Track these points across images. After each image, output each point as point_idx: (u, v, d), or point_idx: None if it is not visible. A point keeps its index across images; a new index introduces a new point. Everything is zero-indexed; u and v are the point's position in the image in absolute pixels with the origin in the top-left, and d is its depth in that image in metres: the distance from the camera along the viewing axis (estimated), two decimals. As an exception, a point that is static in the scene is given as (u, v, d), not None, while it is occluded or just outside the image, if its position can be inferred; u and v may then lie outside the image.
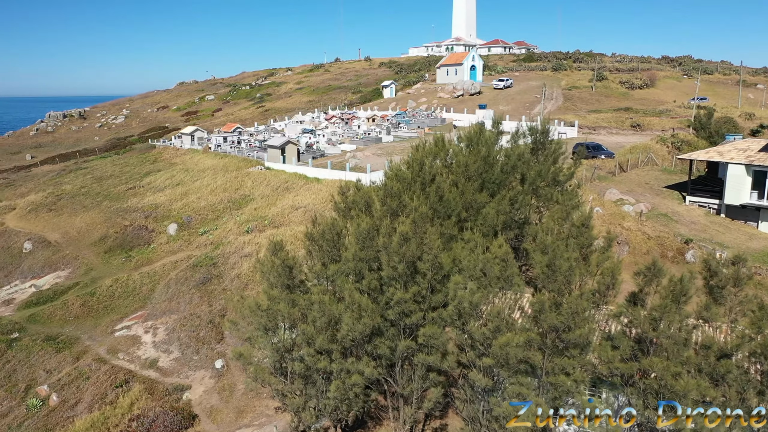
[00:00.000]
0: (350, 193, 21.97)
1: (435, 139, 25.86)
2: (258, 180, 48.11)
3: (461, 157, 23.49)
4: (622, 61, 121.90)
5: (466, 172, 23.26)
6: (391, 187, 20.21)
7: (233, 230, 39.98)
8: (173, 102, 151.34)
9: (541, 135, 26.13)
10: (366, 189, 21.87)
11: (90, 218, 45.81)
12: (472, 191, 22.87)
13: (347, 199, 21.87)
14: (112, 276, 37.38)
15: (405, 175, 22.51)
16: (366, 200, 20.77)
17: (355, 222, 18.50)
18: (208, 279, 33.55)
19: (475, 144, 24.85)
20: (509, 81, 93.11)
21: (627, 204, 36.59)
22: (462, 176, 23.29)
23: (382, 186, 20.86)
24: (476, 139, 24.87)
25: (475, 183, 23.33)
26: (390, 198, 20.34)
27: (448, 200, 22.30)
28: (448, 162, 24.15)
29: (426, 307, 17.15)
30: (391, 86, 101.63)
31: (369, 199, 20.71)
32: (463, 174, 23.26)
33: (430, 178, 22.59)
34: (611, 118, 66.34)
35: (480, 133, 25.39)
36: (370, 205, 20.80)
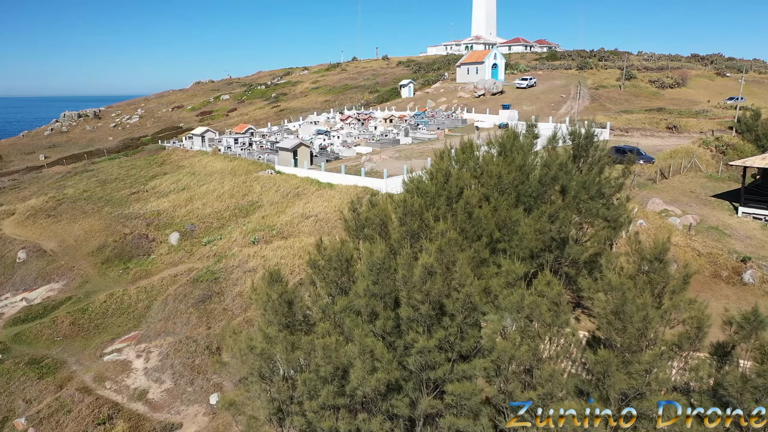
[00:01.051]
0: (363, 209, 18.69)
1: (462, 144, 22.49)
2: (267, 185, 45.07)
3: (493, 166, 20.08)
4: (650, 59, 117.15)
5: (499, 184, 19.86)
6: (411, 204, 16.87)
7: (238, 241, 36.94)
8: (188, 102, 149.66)
9: (584, 140, 22.61)
10: (381, 204, 18.56)
11: (89, 225, 43.10)
12: (506, 207, 19.46)
13: (359, 217, 18.61)
14: (108, 290, 34.54)
15: (427, 188, 19.17)
16: (381, 218, 17.47)
17: (367, 247, 15.21)
18: (208, 297, 30.51)
19: (509, 151, 21.42)
20: (533, 80, 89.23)
21: (672, 216, 32.84)
22: (494, 189, 19.89)
23: (401, 202, 17.53)
24: (510, 145, 21.45)
25: (510, 197, 19.92)
26: (410, 217, 17.02)
27: (479, 218, 18.93)
28: (477, 172, 20.75)
29: (454, 356, 13.84)
30: (409, 85, 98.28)
31: (385, 217, 17.41)
32: (495, 187, 19.86)
33: (457, 191, 19.22)
34: (644, 119, 62.29)
35: (514, 138, 21.97)
36: (387, 224, 17.50)
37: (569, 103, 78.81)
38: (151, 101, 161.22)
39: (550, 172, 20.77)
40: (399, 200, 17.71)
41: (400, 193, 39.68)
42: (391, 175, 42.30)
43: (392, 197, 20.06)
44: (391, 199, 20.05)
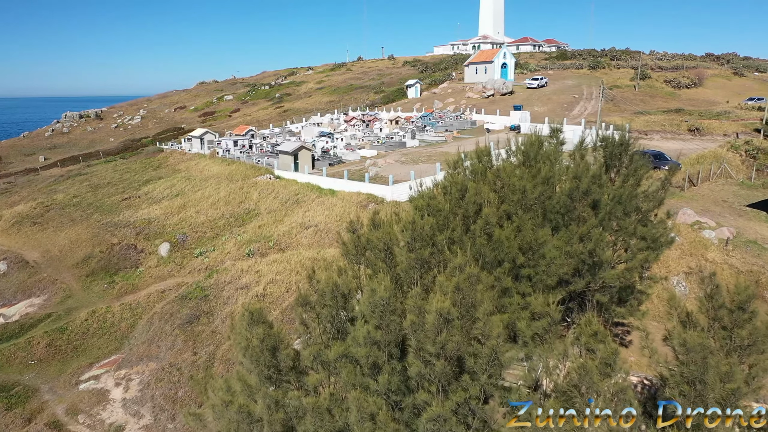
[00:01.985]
0: (364, 230, 15.94)
1: (477, 152, 19.69)
2: (265, 191, 42.37)
3: (516, 179, 17.26)
4: (664, 59, 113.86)
5: (523, 200, 17.04)
6: (421, 226, 14.09)
7: (232, 253, 34.26)
8: (191, 102, 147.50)
9: (618, 147, 19.77)
10: (386, 226, 15.79)
11: (76, 234, 40.54)
12: (531, 227, 16.65)
13: (359, 239, 15.85)
14: (90, 306, 31.93)
15: (440, 205, 16.37)
16: (386, 243, 14.69)
17: (369, 285, 12.46)
18: (196, 317, 27.82)
19: (533, 160, 18.61)
20: (544, 80, 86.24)
21: (706, 228, 29.92)
22: (518, 206, 17.09)
23: (409, 224, 14.73)
24: (535, 153, 18.64)
25: (536, 215, 17.12)
26: (420, 242, 14.24)
27: (500, 240, 16.14)
28: (497, 185, 17.94)
29: (476, 424, 11.08)
30: (415, 86, 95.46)
31: (390, 241, 14.64)
32: (519, 203, 17.05)
33: (475, 209, 16.42)
34: (664, 121, 59.25)
35: (539, 145, 19.16)
36: (392, 250, 14.73)
37: (582, 104, 75.85)
38: (154, 102, 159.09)
39: (581, 186, 17.93)
40: (406, 221, 14.92)
41: (406, 202, 36.90)
42: (397, 181, 39.56)
43: (398, 215, 17.26)
44: (397, 216, 17.24)
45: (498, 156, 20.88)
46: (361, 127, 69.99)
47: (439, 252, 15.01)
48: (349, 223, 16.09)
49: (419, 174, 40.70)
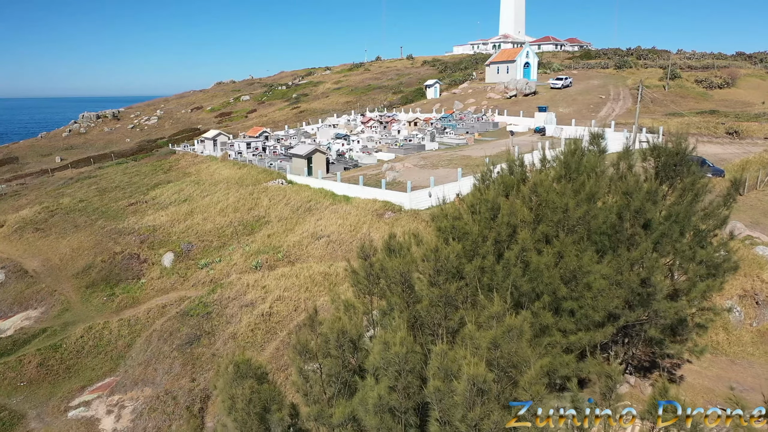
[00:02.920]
0: (377, 257, 13.51)
1: (508, 162, 17.11)
2: (276, 198, 40.15)
3: (556, 196, 14.68)
4: (693, 58, 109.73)
5: (565, 220, 14.46)
6: (446, 255, 11.60)
7: (239, 265, 32.06)
8: (208, 102, 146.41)
9: (674, 157, 17.08)
10: (403, 252, 13.34)
11: (78, 241, 38.69)
12: (575, 252, 14.07)
13: (372, 267, 13.43)
14: (87, 321, 29.95)
15: (467, 227, 13.86)
16: (402, 275, 12.23)
17: (381, 335, 10.02)
18: (197, 338, 25.61)
19: (574, 172, 16.00)
20: (568, 80, 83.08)
21: (759, 244, 26.97)
22: (558, 227, 14.51)
23: (432, 252, 12.22)
24: (576, 164, 16.03)
25: (580, 238, 14.53)
26: (444, 275, 11.75)
27: (539, 269, 13.59)
28: (533, 202, 15.36)
29: None
30: (435, 86, 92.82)
31: (408, 273, 12.17)
32: (560, 224, 14.47)
33: (509, 232, 13.89)
34: (699, 123, 55.97)
35: (580, 155, 16.54)
36: (410, 283, 12.27)
37: (610, 105, 72.65)
38: (171, 102, 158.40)
39: (633, 203, 15.30)
40: (428, 248, 12.43)
41: (425, 210, 34.37)
42: (415, 187, 37.09)
43: (417, 236, 14.78)
44: (416, 238, 14.76)
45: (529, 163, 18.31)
46: (379, 128, 67.61)
47: (466, 285, 12.56)
48: (360, 248, 13.69)
49: (439, 180, 38.19)
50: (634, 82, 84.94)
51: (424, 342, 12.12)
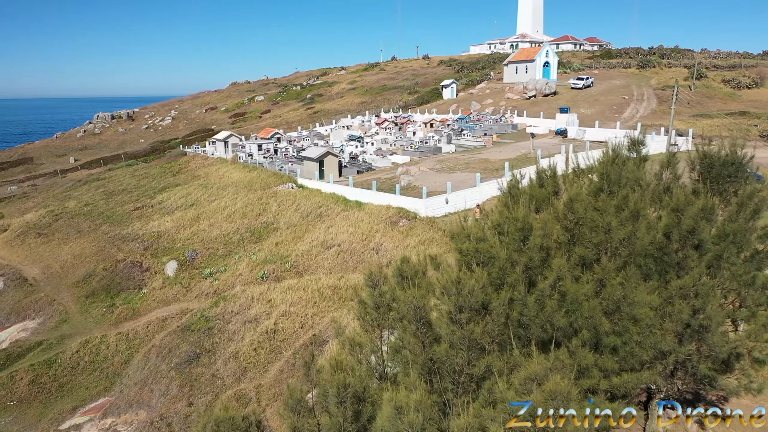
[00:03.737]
0: (389, 284, 11.63)
1: (539, 173, 15.11)
2: (286, 203, 38.42)
3: (596, 214, 12.65)
4: (718, 57, 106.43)
5: (607, 241, 12.44)
6: (470, 289, 9.68)
7: (244, 275, 30.37)
8: (222, 103, 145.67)
9: (729, 167, 14.98)
10: (419, 281, 11.42)
11: (80, 248, 37.29)
12: (620, 279, 12.05)
13: (382, 297, 11.55)
14: (85, 334, 28.45)
15: (493, 251, 11.90)
16: (417, 309, 10.32)
17: (392, 398, 8.15)
18: (196, 357, 23.91)
19: (614, 184, 13.97)
20: (590, 79, 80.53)
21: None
22: (598, 250, 12.50)
23: (454, 282, 10.28)
24: (617, 176, 13.99)
25: (624, 263, 12.50)
26: (468, 311, 9.82)
27: (577, 301, 11.61)
28: (569, 220, 13.35)
29: None
30: (451, 86, 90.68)
31: (423, 309, 10.26)
32: (600, 246, 12.46)
33: (542, 257, 11.91)
34: (729, 125, 53.34)
35: (621, 164, 14.50)
36: (427, 319, 10.37)
37: (634, 106, 70.08)
38: (186, 102, 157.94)
39: (684, 221, 13.22)
40: (449, 278, 10.49)
41: (442, 217, 32.37)
42: (431, 192, 35.15)
43: (435, 259, 12.88)
44: (434, 261, 12.88)
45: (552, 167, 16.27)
46: (393, 130, 65.70)
47: (493, 322, 10.64)
48: (368, 275, 11.82)
49: (457, 185, 36.21)
50: (658, 82, 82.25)
51: (443, 390, 10.29)
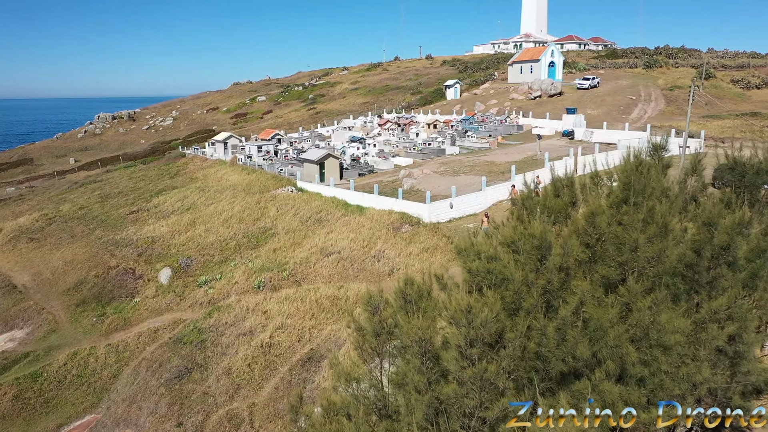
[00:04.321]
0: (391, 309, 10.37)
1: (554, 182, 13.82)
2: (285, 207, 37.20)
3: (619, 229, 11.35)
4: (726, 57, 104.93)
5: (633, 260, 11.15)
6: (483, 320, 8.43)
7: (240, 283, 29.15)
8: (224, 103, 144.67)
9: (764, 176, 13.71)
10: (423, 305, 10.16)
11: (72, 253, 36.12)
12: (649, 304, 10.76)
13: (382, 324, 10.30)
14: (74, 345, 27.28)
15: (506, 271, 10.61)
16: (422, 342, 9.06)
17: None
18: (187, 372, 22.69)
19: (638, 195, 12.67)
20: (596, 80, 79.14)
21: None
22: (623, 270, 11.20)
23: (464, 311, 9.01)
24: (642, 186, 12.69)
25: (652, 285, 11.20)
26: (480, 346, 8.55)
27: (601, 328, 10.32)
28: (591, 235, 12.04)
29: None
30: (455, 86, 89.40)
31: (428, 342, 8.99)
32: (625, 266, 11.16)
33: (562, 279, 10.63)
34: (741, 126, 51.96)
35: (646, 171, 13.18)
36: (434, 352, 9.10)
37: (641, 106, 68.68)
38: (187, 102, 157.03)
39: (716, 236, 11.92)
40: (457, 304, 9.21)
41: (446, 222, 31.06)
42: (435, 196, 33.89)
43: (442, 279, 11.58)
44: (440, 281, 11.57)
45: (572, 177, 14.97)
46: (396, 131, 64.47)
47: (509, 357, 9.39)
48: (367, 300, 10.55)
49: (462, 189, 34.93)
50: (666, 83, 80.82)
51: (451, 433, 9.04)
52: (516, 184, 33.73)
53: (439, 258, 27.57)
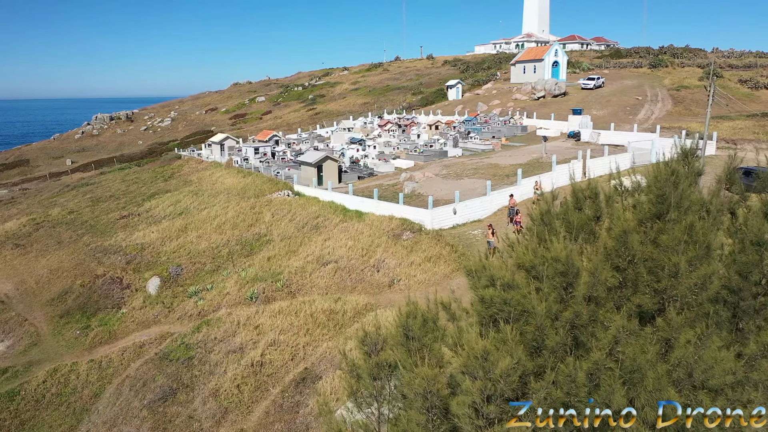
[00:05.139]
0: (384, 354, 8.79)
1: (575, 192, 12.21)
2: (280, 212, 35.63)
3: (655, 251, 9.74)
4: (732, 56, 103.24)
5: (673, 287, 9.55)
6: (504, 371, 6.86)
7: (232, 294, 27.59)
8: (223, 104, 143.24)
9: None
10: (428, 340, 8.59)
11: (58, 261, 34.56)
12: (694, 337, 9.16)
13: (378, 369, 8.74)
14: (55, 360, 25.72)
15: (526, 302, 9.01)
16: (428, 395, 7.48)
17: None
18: (172, 393, 21.12)
19: (674, 209, 11.07)
20: (600, 80, 77.56)
21: None
22: (661, 298, 9.60)
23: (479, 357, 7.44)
24: (677, 198, 11.07)
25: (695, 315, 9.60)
26: (495, 407, 6.96)
27: (639, 369, 8.72)
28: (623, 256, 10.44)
29: None
30: (457, 86, 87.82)
31: (435, 395, 7.42)
32: (663, 294, 9.56)
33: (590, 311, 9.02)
34: (753, 127, 50.35)
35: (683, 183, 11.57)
36: (444, 406, 7.53)
37: (648, 107, 67.08)
38: (186, 103, 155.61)
39: (766, 257, 10.30)
40: (471, 348, 7.61)
41: (449, 229, 29.43)
42: (437, 200, 32.36)
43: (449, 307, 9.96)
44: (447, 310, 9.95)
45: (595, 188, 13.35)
46: (397, 132, 62.90)
47: (533, 412, 7.82)
48: (361, 337, 9.00)
49: (465, 194, 33.37)
50: (672, 82, 79.19)
51: None
52: (514, 193, 32.09)
53: (443, 268, 26.00)
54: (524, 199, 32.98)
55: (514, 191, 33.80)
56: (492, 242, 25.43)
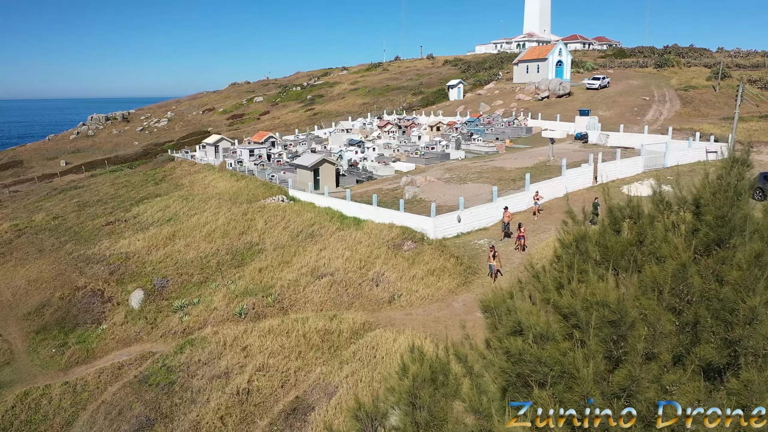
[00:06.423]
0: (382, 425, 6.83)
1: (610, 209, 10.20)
2: (274, 219, 33.65)
3: (719, 289, 7.74)
4: (739, 56, 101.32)
5: (748, 336, 7.55)
6: None
7: (219, 309, 25.61)
8: (221, 104, 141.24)
9: None
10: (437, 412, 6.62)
11: (38, 271, 32.58)
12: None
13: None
14: (27, 382, 23.76)
15: (566, 362, 7.03)
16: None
17: None
18: (149, 424, 19.11)
19: (735, 233, 9.04)
20: (606, 79, 75.60)
21: None
22: (734, 348, 7.60)
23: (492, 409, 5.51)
24: (741, 221, 9.06)
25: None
26: None
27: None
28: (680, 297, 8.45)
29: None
30: (458, 86, 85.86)
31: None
32: (738, 345, 7.55)
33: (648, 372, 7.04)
34: (766, 129, 48.38)
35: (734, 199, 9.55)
36: None
37: (656, 108, 65.09)
38: (183, 103, 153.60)
39: None
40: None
41: (453, 238, 27.39)
42: (440, 207, 30.37)
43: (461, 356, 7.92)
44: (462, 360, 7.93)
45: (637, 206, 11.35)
46: (397, 133, 60.92)
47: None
48: (355, 409, 7.00)
49: (470, 200, 31.40)
50: (679, 82, 77.23)
51: None
52: (509, 205, 29.98)
53: (447, 282, 24.02)
54: (525, 209, 31.06)
55: (520, 199, 31.85)
56: (493, 266, 23.21)
